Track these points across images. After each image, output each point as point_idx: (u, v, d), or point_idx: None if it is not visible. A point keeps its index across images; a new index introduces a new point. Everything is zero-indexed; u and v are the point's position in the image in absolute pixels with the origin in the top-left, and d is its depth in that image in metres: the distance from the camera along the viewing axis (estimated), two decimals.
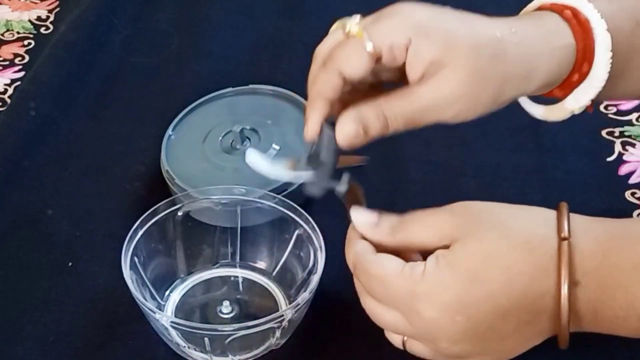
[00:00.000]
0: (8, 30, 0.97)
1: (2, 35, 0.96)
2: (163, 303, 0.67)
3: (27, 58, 0.93)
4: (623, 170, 0.77)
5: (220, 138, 0.76)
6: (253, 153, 0.59)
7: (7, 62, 0.92)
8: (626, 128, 0.80)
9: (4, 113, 0.84)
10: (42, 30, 0.97)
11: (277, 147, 0.74)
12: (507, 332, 0.52)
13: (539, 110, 0.62)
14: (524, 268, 0.50)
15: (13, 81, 0.90)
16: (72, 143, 0.82)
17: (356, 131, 0.54)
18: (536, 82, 0.57)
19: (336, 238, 0.60)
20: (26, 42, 0.95)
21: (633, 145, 0.79)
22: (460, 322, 0.51)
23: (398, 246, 0.54)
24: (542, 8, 0.58)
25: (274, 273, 0.68)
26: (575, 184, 0.75)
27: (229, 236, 0.69)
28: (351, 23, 0.54)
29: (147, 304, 0.60)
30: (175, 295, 0.67)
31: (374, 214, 0.56)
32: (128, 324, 0.65)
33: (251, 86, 0.81)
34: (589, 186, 0.75)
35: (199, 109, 0.79)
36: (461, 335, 0.52)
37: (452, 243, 0.52)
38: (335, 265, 0.61)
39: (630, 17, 0.58)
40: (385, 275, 0.53)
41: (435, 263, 0.52)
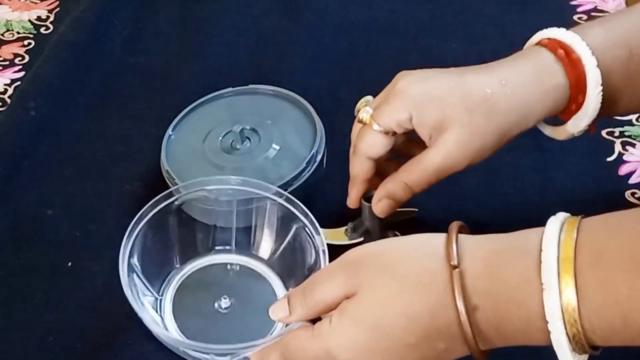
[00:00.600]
0: (8, 30, 0.97)
1: (2, 35, 0.96)
2: (159, 297, 0.67)
3: (27, 58, 0.93)
4: (623, 170, 0.77)
5: (220, 138, 0.76)
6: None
7: (7, 62, 0.92)
8: (626, 128, 0.80)
9: (4, 113, 0.84)
10: (42, 30, 0.97)
11: (277, 147, 0.74)
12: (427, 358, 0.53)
13: (547, 130, 0.67)
14: (422, 308, 0.51)
15: (13, 81, 0.90)
16: (72, 143, 0.82)
17: (388, 204, 0.65)
18: (534, 120, 0.63)
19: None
20: (26, 42, 0.95)
21: (633, 145, 0.79)
22: None
23: (314, 312, 0.56)
24: (541, 42, 0.64)
25: (272, 261, 0.69)
26: (575, 184, 0.75)
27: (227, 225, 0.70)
28: (364, 112, 0.64)
29: (152, 325, 0.61)
30: (171, 289, 0.68)
31: (284, 304, 0.57)
32: (128, 324, 0.65)
33: (251, 86, 0.81)
34: (589, 186, 0.75)
35: (199, 109, 0.79)
36: None
37: (353, 294, 0.53)
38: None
39: (625, 46, 0.62)
40: (300, 343, 0.55)
41: (338, 317, 0.53)
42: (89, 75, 0.89)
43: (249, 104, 0.80)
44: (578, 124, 0.64)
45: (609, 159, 0.77)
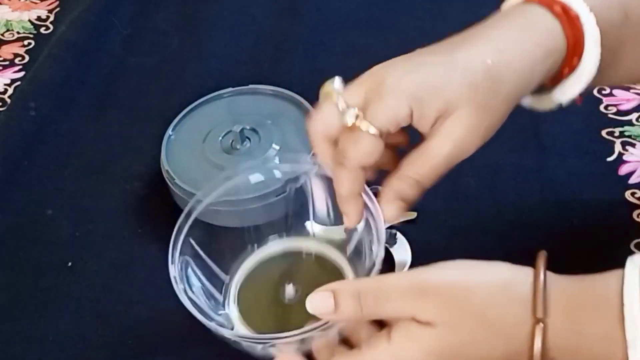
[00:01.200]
0: (8, 30, 0.97)
1: (2, 35, 0.96)
2: (221, 299, 0.63)
3: (27, 58, 0.93)
4: (623, 170, 0.77)
5: (220, 138, 0.76)
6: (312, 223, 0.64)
7: (7, 62, 0.92)
8: (626, 128, 0.80)
9: (4, 113, 0.84)
10: (42, 30, 0.97)
11: (277, 147, 0.74)
12: None
13: (527, 99, 0.61)
14: (499, 355, 0.50)
15: (13, 81, 0.90)
16: (72, 143, 0.82)
17: (398, 207, 0.57)
18: (535, 84, 0.57)
19: None
20: (26, 42, 0.95)
21: (633, 145, 0.79)
22: None
23: (366, 320, 0.54)
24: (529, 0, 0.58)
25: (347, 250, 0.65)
26: (575, 184, 0.75)
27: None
28: (348, 114, 0.55)
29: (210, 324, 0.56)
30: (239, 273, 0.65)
31: (329, 300, 0.53)
32: (127, 324, 0.65)
33: (251, 86, 0.81)
34: (589, 186, 0.75)
35: (199, 109, 0.79)
36: None
37: (426, 326, 0.51)
38: None
39: (619, 8, 0.58)
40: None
41: (404, 338, 0.51)
42: (89, 75, 0.89)
43: (249, 104, 0.80)
44: (567, 91, 0.58)
45: (609, 159, 0.77)
